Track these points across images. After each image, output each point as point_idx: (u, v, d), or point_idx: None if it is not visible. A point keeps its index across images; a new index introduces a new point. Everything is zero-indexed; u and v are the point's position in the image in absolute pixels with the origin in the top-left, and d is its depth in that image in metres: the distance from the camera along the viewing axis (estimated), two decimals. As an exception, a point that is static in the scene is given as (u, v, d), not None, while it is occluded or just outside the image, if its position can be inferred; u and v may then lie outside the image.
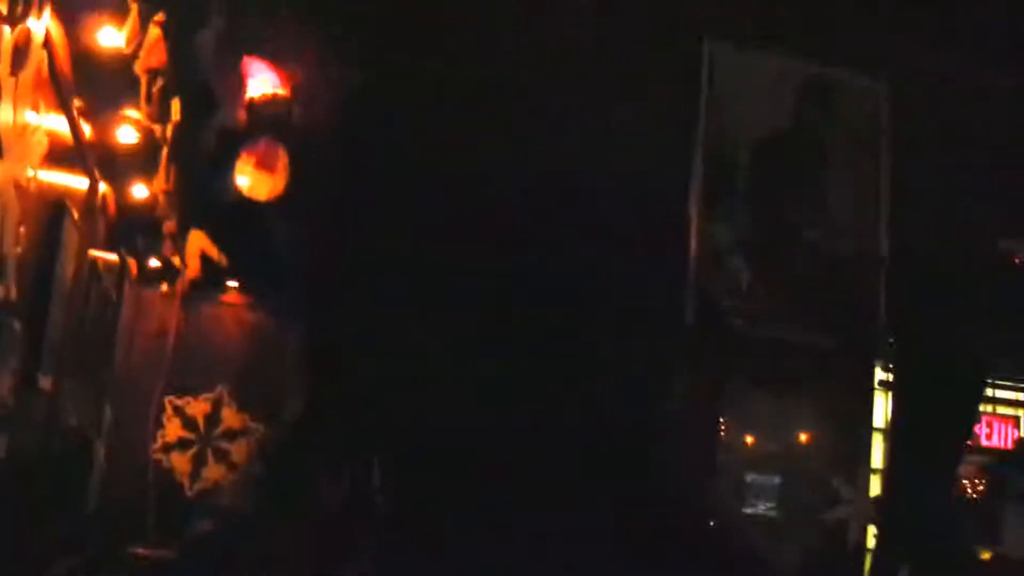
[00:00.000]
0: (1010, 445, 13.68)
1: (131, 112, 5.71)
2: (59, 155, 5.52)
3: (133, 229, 6.63)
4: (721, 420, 11.14)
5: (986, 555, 11.37)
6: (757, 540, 10.36)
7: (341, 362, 8.21)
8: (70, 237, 6.09)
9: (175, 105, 5.36)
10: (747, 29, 11.28)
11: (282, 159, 7.36)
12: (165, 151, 5.76)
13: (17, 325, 5.20)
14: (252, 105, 7.48)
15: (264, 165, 7.29)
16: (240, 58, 7.08)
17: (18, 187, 5.03)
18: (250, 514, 5.24)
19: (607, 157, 9.47)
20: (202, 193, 6.86)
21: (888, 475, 11.28)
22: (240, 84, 7.16)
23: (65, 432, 6.81)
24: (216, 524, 5.21)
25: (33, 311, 5.62)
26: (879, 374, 13.16)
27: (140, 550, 7.01)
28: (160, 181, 6.05)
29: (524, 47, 9.58)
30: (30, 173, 5.26)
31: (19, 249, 5.19)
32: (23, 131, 4.81)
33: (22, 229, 5.26)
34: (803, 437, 13.45)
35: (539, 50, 9.63)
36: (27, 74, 4.79)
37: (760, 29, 11.26)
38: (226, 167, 7.22)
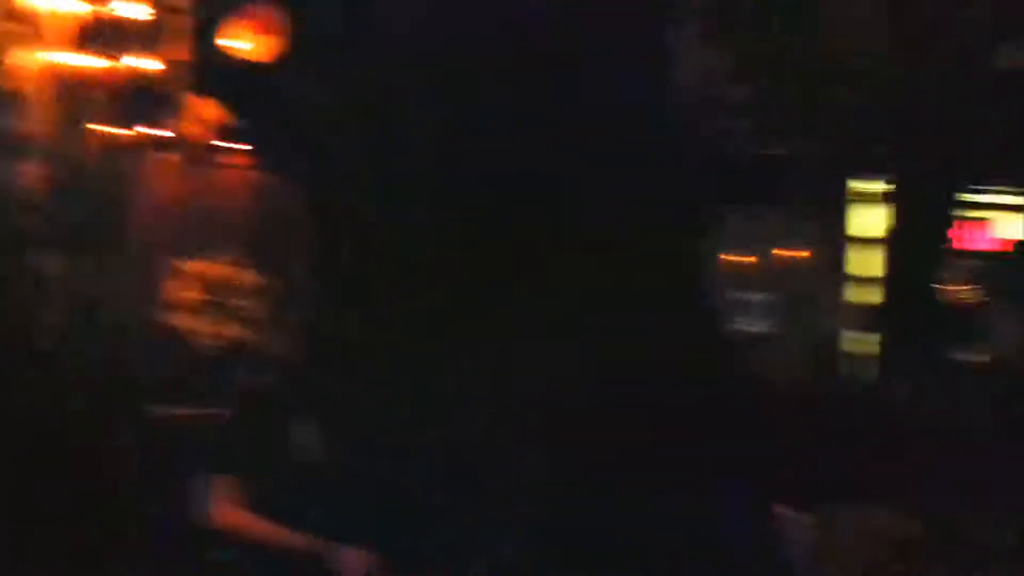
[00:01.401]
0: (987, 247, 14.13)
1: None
2: (79, 34, 5.66)
3: (146, 100, 6.73)
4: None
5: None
6: (751, 357, 10.58)
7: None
8: (88, 113, 6.25)
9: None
10: None
11: (280, 20, 7.39)
12: (178, 22, 5.87)
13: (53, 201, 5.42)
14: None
15: (263, 28, 7.34)
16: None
17: (49, 68, 5.20)
18: (301, 365, 5.37)
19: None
20: (210, 60, 6.93)
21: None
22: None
23: (86, 303, 7.05)
24: (265, 377, 5.34)
25: (62, 186, 5.83)
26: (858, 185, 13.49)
27: (174, 411, 7.24)
28: (173, 51, 6.17)
29: None
30: (56, 54, 5.42)
31: (48, 127, 5.38)
32: (53, 15, 4.96)
33: (49, 109, 5.44)
34: (783, 252, 13.83)
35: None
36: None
37: None
38: (227, 34, 7.27)
